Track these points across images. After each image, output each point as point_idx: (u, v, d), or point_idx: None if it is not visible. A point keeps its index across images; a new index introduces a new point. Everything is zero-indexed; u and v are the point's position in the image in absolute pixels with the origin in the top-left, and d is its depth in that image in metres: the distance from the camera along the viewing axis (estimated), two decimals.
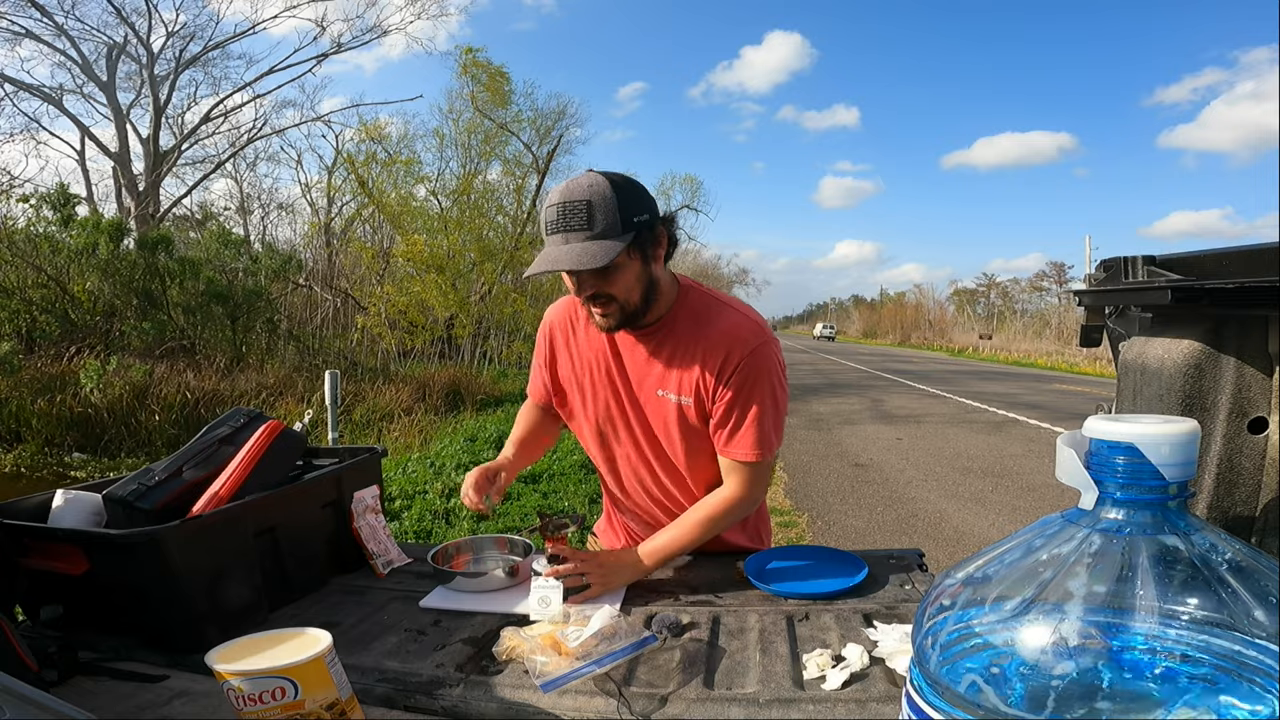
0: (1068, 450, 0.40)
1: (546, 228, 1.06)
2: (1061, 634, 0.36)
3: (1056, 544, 0.40)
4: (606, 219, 1.04)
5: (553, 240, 1.05)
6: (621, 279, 1.08)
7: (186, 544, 0.92)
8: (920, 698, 0.41)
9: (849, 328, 76.78)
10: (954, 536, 4.06)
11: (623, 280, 1.08)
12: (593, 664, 0.87)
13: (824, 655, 0.88)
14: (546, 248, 1.07)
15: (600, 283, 1.07)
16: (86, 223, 9.71)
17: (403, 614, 1.05)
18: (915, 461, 6.18)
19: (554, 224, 1.04)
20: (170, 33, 16.17)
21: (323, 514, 1.20)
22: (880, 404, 10.54)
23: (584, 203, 1.04)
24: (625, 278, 1.08)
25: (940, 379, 15.55)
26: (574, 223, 1.03)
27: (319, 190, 16.67)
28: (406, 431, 7.22)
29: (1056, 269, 51.70)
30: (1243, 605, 0.35)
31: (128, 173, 16.20)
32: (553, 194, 1.07)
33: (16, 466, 6.32)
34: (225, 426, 1.15)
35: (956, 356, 31.52)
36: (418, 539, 3.74)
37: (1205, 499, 0.83)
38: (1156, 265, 0.93)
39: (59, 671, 0.85)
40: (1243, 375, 0.80)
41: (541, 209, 1.09)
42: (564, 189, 1.06)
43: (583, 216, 1.03)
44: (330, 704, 0.68)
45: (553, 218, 1.05)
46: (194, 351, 9.47)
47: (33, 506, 1.06)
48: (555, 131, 15.22)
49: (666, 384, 1.17)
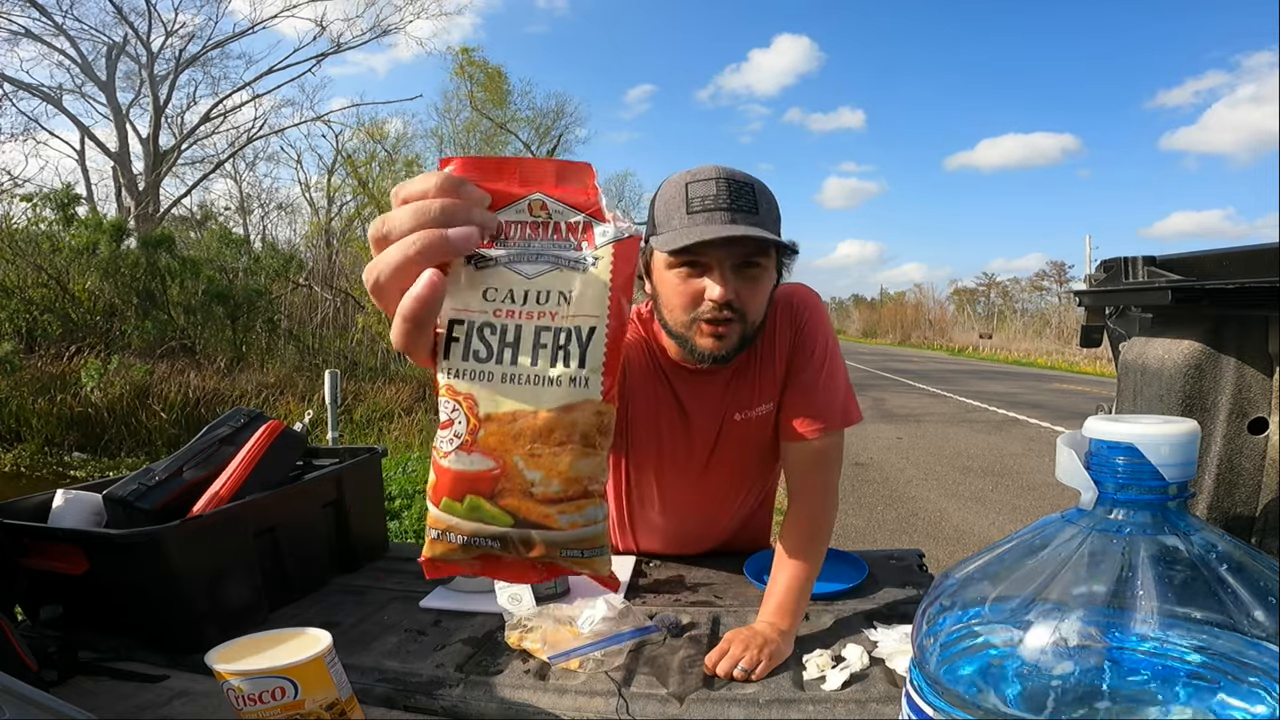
0: (1067, 450, 0.40)
1: (697, 203, 0.87)
2: (1061, 634, 0.36)
3: (1056, 544, 0.40)
4: (770, 212, 0.89)
5: (708, 218, 0.86)
6: (764, 288, 0.92)
7: (186, 544, 0.92)
8: (920, 698, 0.41)
9: (849, 327, 76.78)
10: (954, 536, 4.06)
11: (763, 290, 0.92)
12: (599, 643, 0.88)
13: (824, 656, 0.88)
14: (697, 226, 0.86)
15: (744, 286, 0.89)
16: (87, 222, 9.72)
17: (403, 614, 1.05)
18: (915, 461, 6.18)
19: (713, 199, 0.86)
20: (170, 32, 16.17)
21: (323, 514, 1.20)
22: (881, 403, 10.54)
23: (750, 185, 0.88)
24: (766, 287, 0.92)
25: (940, 378, 15.55)
26: (742, 204, 0.86)
27: (319, 190, 16.69)
28: (406, 431, 7.22)
29: (1056, 268, 51.70)
30: (1243, 605, 0.35)
31: (127, 173, 16.20)
32: (701, 170, 0.90)
33: (16, 466, 6.33)
34: (225, 426, 1.15)
35: (956, 356, 31.53)
36: (418, 539, 3.73)
37: (1205, 499, 0.83)
38: (1157, 265, 0.93)
39: (59, 671, 0.85)
40: (1243, 375, 0.80)
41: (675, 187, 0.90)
42: (715, 168, 0.89)
43: (751, 199, 0.87)
44: (330, 704, 0.68)
45: (711, 192, 0.86)
46: (194, 351, 9.47)
47: (33, 506, 1.06)
48: (555, 131, 15.25)
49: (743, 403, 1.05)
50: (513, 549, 0.38)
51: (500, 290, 0.37)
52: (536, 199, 0.38)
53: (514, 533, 0.37)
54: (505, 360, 0.36)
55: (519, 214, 0.38)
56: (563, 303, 0.37)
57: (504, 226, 0.38)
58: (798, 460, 1.03)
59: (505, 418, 0.36)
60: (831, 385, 1.03)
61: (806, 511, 1.01)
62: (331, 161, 16.27)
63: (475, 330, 0.37)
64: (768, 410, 1.06)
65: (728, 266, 0.88)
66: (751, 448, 1.11)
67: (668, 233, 0.89)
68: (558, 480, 0.36)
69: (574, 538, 0.37)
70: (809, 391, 1.02)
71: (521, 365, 0.36)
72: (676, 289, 0.91)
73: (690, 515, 1.20)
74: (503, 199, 0.38)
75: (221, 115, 17.10)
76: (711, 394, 1.07)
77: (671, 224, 0.89)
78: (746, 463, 1.13)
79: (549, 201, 0.37)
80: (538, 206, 0.37)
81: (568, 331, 0.36)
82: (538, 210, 0.37)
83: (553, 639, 0.90)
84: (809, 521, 1.00)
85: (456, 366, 0.37)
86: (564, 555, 0.38)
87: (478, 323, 0.37)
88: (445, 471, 0.37)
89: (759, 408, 1.06)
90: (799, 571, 0.96)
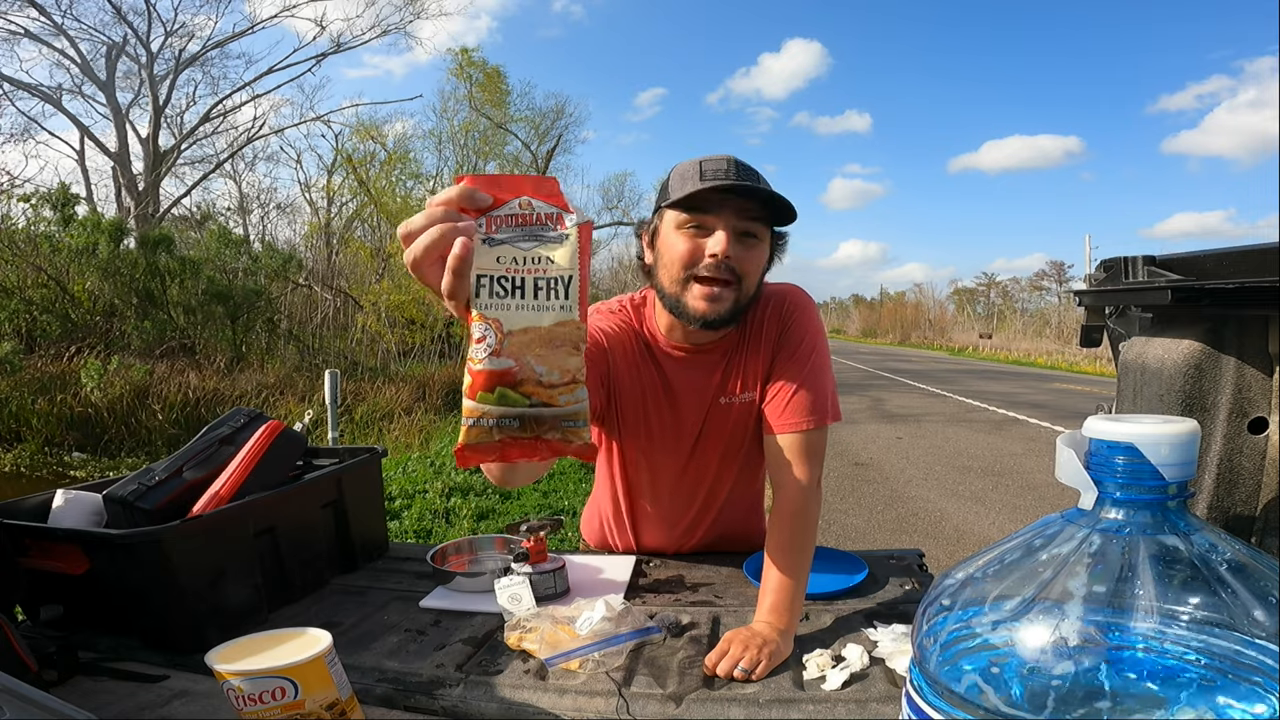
0: (1067, 450, 0.40)
1: (709, 174, 0.96)
2: (1061, 634, 0.36)
3: (1056, 544, 0.40)
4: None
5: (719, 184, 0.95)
6: (759, 256, 1.00)
7: (186, 544, 0.92)
8: (920, 698, 0.41)
9: (849, 326, 76.77)
10: (954, 536, 4.06)
11: (759, 259, 1.00)
12: (597, 644, 0.88)
13: (824, 655, 0.88)
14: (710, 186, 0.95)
15: (743, 251, 0.98)
16: (87, 222, 9.72)
17: (403, 614, 1.05)
18: (915, 460, 6.18)
19: (722, 172, 0.95)
20: (169, 32, 16.16)
21: (323, 514, 1.20)
22: (881, 403, 10.55)
23: (757, 170, 0.98)
24: (760, 258, 1.01)
25: (940, 378, 15.55)
26: (750, 177, 0.96)
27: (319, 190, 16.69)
28: (406, 431, 7.23)
29: (1056, 268, 51.72)
30: (1242, 605, 0.35)
31: (127, 173, 16.19)
32: (712, 156, 0.99)
33: (16, 466, 6.33)
34: (225, 426, 1.15)
35: (957, 356, 31.54)
36: (418, 539, 3.74)
37: (1205, 499, 0.83)
38: (1156, 265, 0.93)
39: (59, 671, 0.85)
40: (1243, 375, 0.80)
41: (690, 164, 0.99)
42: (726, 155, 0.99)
43: (757, 177, 0.97)
44: (330, 704, 0.68)
45: (721, 167, 0.96)
46: (194, 351, 9.47)
47: (33, 506, 1.06)
48: (554, 131, 15.24)
49: (728, 388, 1.11)
50: (529, 427, 0.53)
51: (506, 257, 0.55)
52: (524, 200, 0.56)
53: (529, 411, 0.53)
54: (517, 297, 0.54)
55: (512, 209, 0.55)
56: (549, 263, 0.55)
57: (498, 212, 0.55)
58: (779, 453, 1.04)
59: (520, 333, 0.54)
60: (815, 382, 1.05)
61: (790, 508, 1.01)
62: (331, 161, 16.29)
63: (494, 280, 0.54)
64: (751, 399, 1.10)
65: (730, 230, 0.97)
66: (740, 430, 1.14)
67: (680, 194, 0.97)
68: (557, 371, 0.54)
69: (569, 412, 0.54)
70: (792, 386, 1.05)
71: (528, 300, 0.54)
72: (680, 245, 0.99)
73: (681, 497, 1.22)
74: (501, 200, 0.56)
75: (221, 115, 17.11)
76: (698, 377, 1.12)
77: (685, 189, 0.97)
78: (735, 444, 1.16)
79: (533, 201, 0.56)
80: (525, 204, 0.56)
81: (554, 279, 0.55)
82: (525, 206, 0.56)
83: (552, 639, 0.90)
84: (792, 518, 1.00)
85: (485, 302, 0.54)
86: (563, 425, 0.54)
87: (495, 275, 0.54)
88: (480, 373, 0.53)
89: (744, 395, 1.11)
90: (789, 569, 0.97)
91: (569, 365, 0.54)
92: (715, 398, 1.12)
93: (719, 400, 1.12)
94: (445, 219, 0.54)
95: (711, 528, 1.26)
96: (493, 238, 0.55)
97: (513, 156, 14.53)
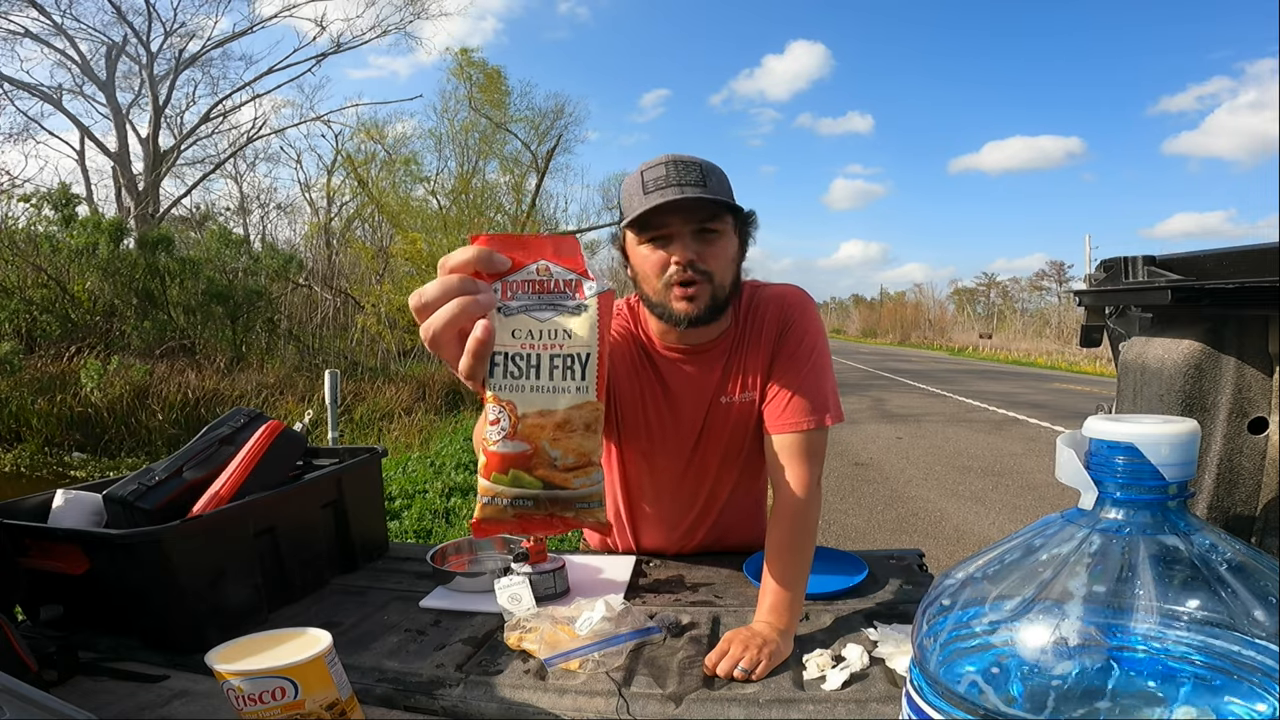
0: (1067, 450, 0.40)
1: (650, 184, 0.98)
2: (1062, 634, 0.36)
3: (1056, 544, 0.40)
4: (719, 185, 0.99)
5: (660, 194, 0.96)
6: (724, 249, 1.01)
7: (186, 544, 0.92)
8: (920, 698, 0.41)
9: (849, 326, 76.73)
10: (954, 536, 4.06)
11: (724, 251, 1.01)
12: (597, 644, 0.88)
13: (824, 655, 0.88)
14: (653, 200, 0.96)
15: (704, 248, 0.99)
16: (87, 223, 9.72)
17: (403, 614, 1.05)
18: (915, 460, 6.18)
19: (662, 180, 0.97)
20: (169, 32, 16.15)
21: (323, 514, 1.20)
22: (881, 403, 10.55)
23: (696, 164, 0.99)
24: (727, 249, 1.02)
25: (940, 378, 15.55)
26: (690, 178, 0.97)
27: (319, 190, 16.68)
28: (406, 431, 7.23)
29: (1056, 268, 51.71)
30: (1242, 605, 0.35)
31: (127, 173, 16.18)
32: (651, 161, 1.01)
33: (16, 466, 6.33)
34: (225, 426, 1.15)
35: (957, 356, 31.53)
36: (418, 539, 3.74)
37: (1205, 499, 0.83)
38: (1156, 265, 0.93)
39: (59, 671, 0.85)
40: (1243, 375, 0.80)
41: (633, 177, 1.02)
42: (664, 155, 1.00)
43: (698, 174, 0.98)
44: (330, 704, 0.68)
45: (660, 174, 0.97)
46: (194, 351, 9.48)
47: (33, 506, 1.06)
48: (554, 131, 15.23)
49: (728, 388, 1.11)
50: (542, 506, 0.54)
51: (522, 331, 0.53)
52: (542, 265, 0.53)
53: (543, 494, 0.53)
54: (532, 378, 0.52)
55: (529, 274, 0.53)
56: (566, 337, 0.52)
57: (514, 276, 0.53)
58: (778, 453, 1.03)
59: (535, 415, 0.52)
60: (815, 382, 1.06)
61: (789, 508, 1.01)
62: (331, 162, 16.28)
63: (509, 359, 0.53)
64: (752, 399, 1.11)
65: (686, 233, 0.99)
66: (740, 430, 1.14)
67: (630, 214, 1.00)
68: (572, 455, 0.53)
69: (583, 495, 0.54)
70: (792, 385, 1.05)
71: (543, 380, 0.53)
72: (647, 260, 1.02)
73: (682, 499, 1.22)
74: (519, 264, 0.53)
75: (221, 115, 17.10)
76: (696, 377, 1.12)
77: (633, 206, 1.00)
78: (735, 444, 1.16)
79: (551, 266, 0.53)
80: (543, 269, 0.53)
81: (571, 356, 0.52)
82: (543, 272, 0.53)
83: (552, 639, 0.90)
84: (791, 518, 1.00)
85: (499, 383, 0.53)
86: (577, 507, 0.54)
87: (510, 353, 0.53)
88: (494, 454, 0.53)
89: (744, 395, 1.11)
90: (788, 568, 0.97)
91: (585, 448, 0.53)
92: (715, 398, 1.12)
93: (719, 400, 1.12)
94: (462, 290, 0.51)
95: (712, 530, 1.26)
96: (508, 305, 0.52)
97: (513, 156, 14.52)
